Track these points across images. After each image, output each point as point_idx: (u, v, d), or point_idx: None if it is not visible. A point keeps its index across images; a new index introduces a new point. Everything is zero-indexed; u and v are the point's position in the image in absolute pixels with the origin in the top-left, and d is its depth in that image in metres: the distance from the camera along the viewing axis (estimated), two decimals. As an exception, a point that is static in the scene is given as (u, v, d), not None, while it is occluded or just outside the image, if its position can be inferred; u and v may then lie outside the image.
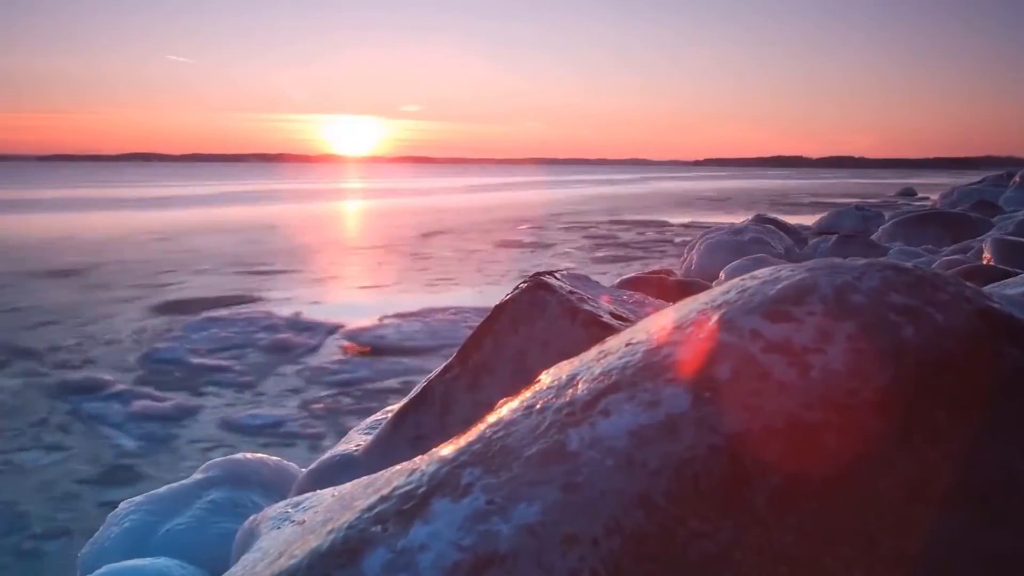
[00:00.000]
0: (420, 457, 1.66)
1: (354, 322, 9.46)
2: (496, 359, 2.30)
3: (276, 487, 4.08)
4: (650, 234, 21.18)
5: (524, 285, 2.41)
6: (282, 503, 1.84)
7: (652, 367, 1.03)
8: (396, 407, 2.93)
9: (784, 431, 0.94)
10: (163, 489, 3.95)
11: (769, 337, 1.03)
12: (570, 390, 1.07)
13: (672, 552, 0.89)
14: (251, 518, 1.98)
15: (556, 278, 2.49)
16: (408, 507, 0.96)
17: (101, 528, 3.84)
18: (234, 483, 3.99)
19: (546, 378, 1.21)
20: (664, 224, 24.34)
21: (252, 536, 1.78)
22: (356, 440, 2.63)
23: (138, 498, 3.96)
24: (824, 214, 20.04)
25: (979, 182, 30.80)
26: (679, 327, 1.12)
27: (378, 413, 2.88)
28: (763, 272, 1.24)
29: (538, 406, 1.07)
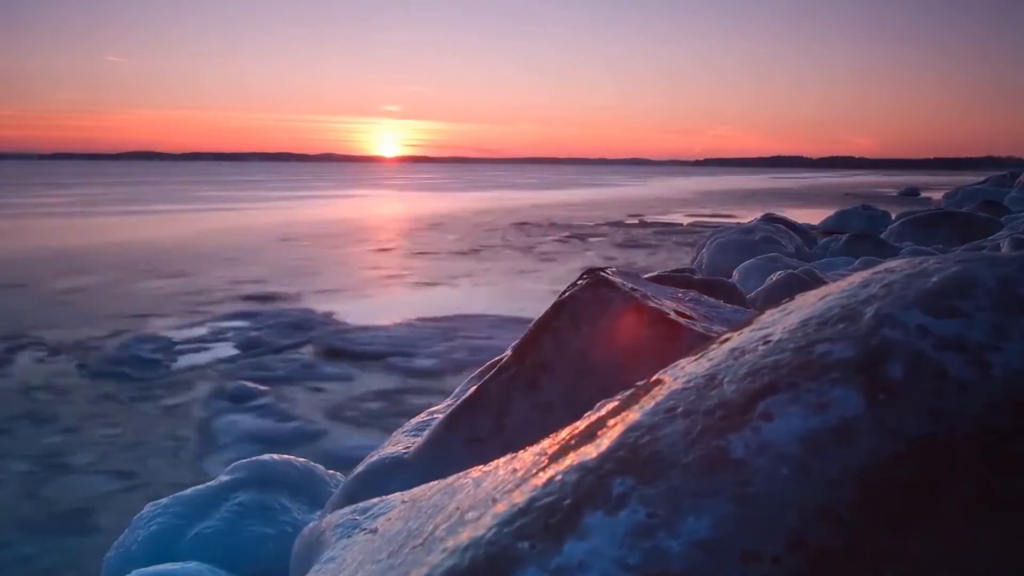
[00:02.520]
0: (503, 461, 1.57)
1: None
2: (556, 358, 2.21)
3: (304, 489, 3.98)
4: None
5: (582, 282, 2.32)
6: (347, 509, 1.74)
7: (810, 366, 0.95)
8: (440, 407, 2.84)
9: (972, 436, 0.86)
10: (189, 491, 3.84)
11: (939, 333, 0.94)
12: (714, 391, 0.98)
13: (860, 570, 0.80)
14: (311, 525, 1.89)
15: (611, 274, 2.40)
16: (555, 521, 0.87)
17: (126, 531, 3.74)
18: (261, 485, 3.89)
19: (672, 379, 1.12)
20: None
21: (319, 545, 1.69)
22: (403, 442, 2.54)
23: (163, 500, 3.85)
24: (829, 214, 19.98)
25: (983, 182, 30.78)
26: (825, 323, 1.04)
27: (422, 414, 2.79)
28: (900, 264, 1.15)
29: (680, 409, 0.98)
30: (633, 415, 1.04)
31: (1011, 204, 20.69)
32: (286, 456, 4.07)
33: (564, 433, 1.39)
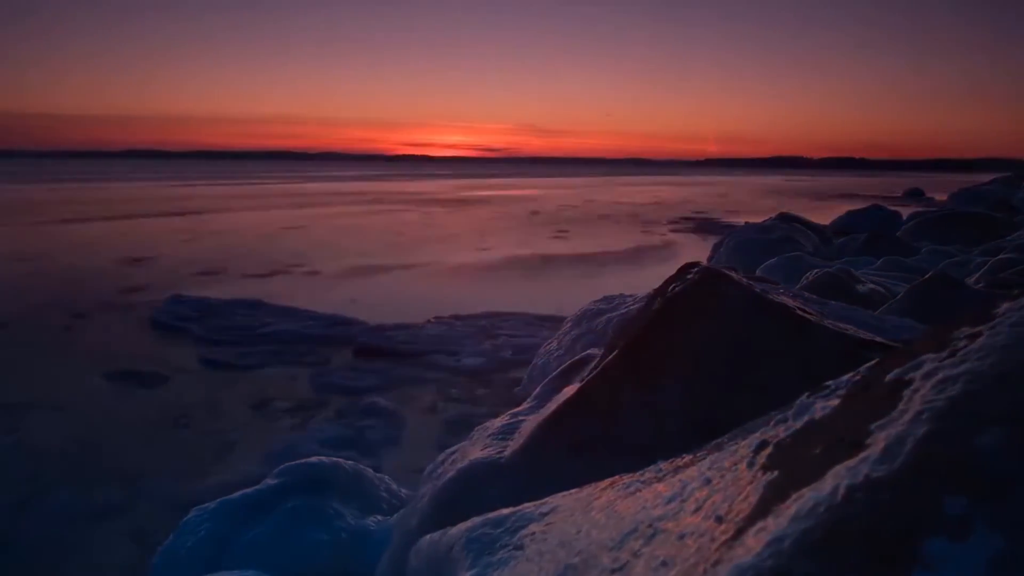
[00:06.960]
0: (665, 467, 1.43)
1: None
2: (671, 357, 2.07)
3: (355, 493, 3.81)
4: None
5: (692, 276, 2.18)
6: (476, 522, 1.60)
7: None
8: (523, 408, 2.70)
9: None
10: (236, 495, 3.68)
11: None
12: (1005, 394, 0.85)
13: None
14: (430, 538, 1.74)
15: (724, 267, 2.27)
16: (884, 550, 0.73)
17: (172, 536, 3.57)
18: (310, 489, 3.73)
19: (926, 378, 0.98)
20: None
21: (449, 562, 1.54)
22: (492, 445, 2.39)
23: (211, 505, 3.69)
24: (840, 214, 19.85)
25: (989, 183, 30.80)
26: None
27: (504, 416, 2.65)
28: None
29: (987, 414, 0.84)
30: (912, 422, 0.90)
31: (1021, 205, 20.63)
32: (335, 458, 3.91)
33: (755, 438, 1.25)
